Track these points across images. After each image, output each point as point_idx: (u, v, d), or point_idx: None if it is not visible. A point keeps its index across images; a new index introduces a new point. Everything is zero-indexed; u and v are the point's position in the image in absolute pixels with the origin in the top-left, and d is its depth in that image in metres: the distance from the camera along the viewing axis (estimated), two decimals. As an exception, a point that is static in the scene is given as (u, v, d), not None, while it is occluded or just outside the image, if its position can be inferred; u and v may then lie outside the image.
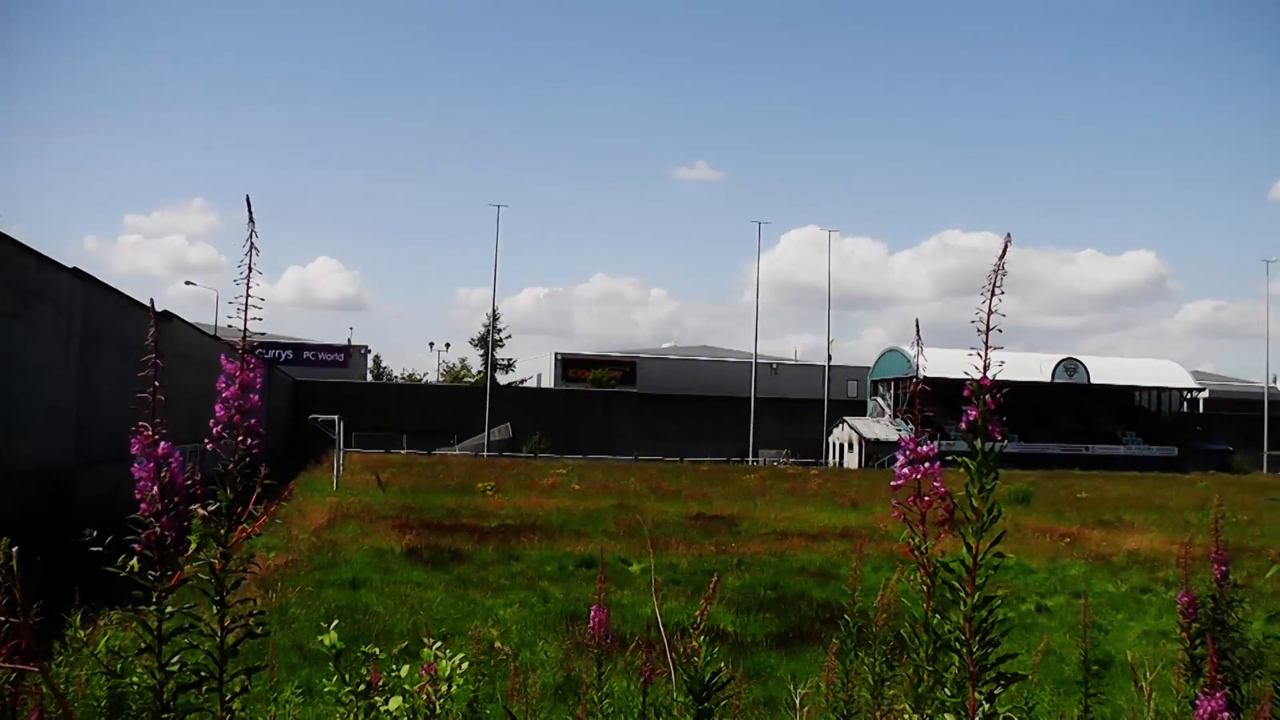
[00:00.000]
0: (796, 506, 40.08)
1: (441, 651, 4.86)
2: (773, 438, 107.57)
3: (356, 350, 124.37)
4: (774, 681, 12.66)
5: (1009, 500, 41.45)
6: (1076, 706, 6.38)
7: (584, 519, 32.35)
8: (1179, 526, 33.70)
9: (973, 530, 3.83)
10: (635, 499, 41.65)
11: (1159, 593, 20.69)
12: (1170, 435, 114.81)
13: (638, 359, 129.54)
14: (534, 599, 18.10)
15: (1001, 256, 3.90)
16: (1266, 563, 18.10)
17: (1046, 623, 17.41)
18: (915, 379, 4.15)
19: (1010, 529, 20.11)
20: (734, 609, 17.59)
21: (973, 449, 3.86)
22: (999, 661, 3.91)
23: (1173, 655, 6.06)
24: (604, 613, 5.45)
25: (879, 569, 18.19)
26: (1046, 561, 24.81)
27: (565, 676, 12.48)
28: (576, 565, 22.01)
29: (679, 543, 26.38)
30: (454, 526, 28.57)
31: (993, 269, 3.88)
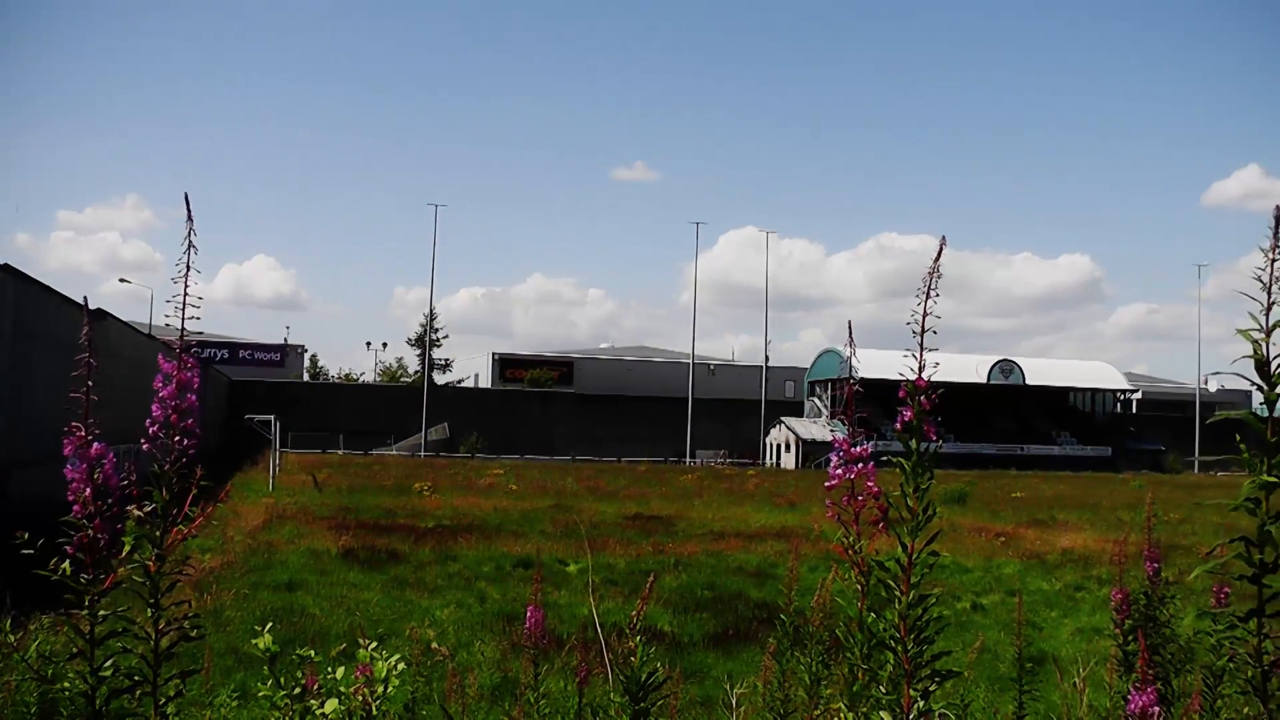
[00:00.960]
0: (734, 507, 40.17)
1: (378, 653, 4.85)
2: (710, 438, 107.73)
3: (293, 350, 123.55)
4: (711, 681, 12.69)
5: (945, 500, 41.74)
6: (1011, 703, 6.44)
7: (521, 519, 32.29)
8: (1112, 525, 34.03)
9: (908, 529, 3.86)
10: (573, 499, 41.63)
11: (1092, 590, 20.91)
12: (1104, 435, 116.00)
13: (575, 359, 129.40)
14: (471, 599, 18.06)
15: (936, 259, 3.94)
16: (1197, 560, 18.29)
17: (982, 620, 17.53)
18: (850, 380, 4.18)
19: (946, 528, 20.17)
20: (671, 609, 17.61)
21: (908, 449, 3.90)
22: (934, 659, 3.95)
23: (1106, 651, 6.14)
24: (540, 613, 5.46)
25: (816, 569, 18.30)
26: (982, 560, 25.00)
27: (502, 677, 12.46)
28: (514, 565, 21.97)
29: (616, 543, 26.38)
30: (391, 527, 28.44)
31: (928, 271, 3.92)
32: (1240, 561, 4.10)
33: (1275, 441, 4.01)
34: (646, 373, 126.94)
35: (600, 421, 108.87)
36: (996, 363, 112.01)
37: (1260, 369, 4.05)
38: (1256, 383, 4.07)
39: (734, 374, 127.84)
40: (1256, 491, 3.99)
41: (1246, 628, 4.15)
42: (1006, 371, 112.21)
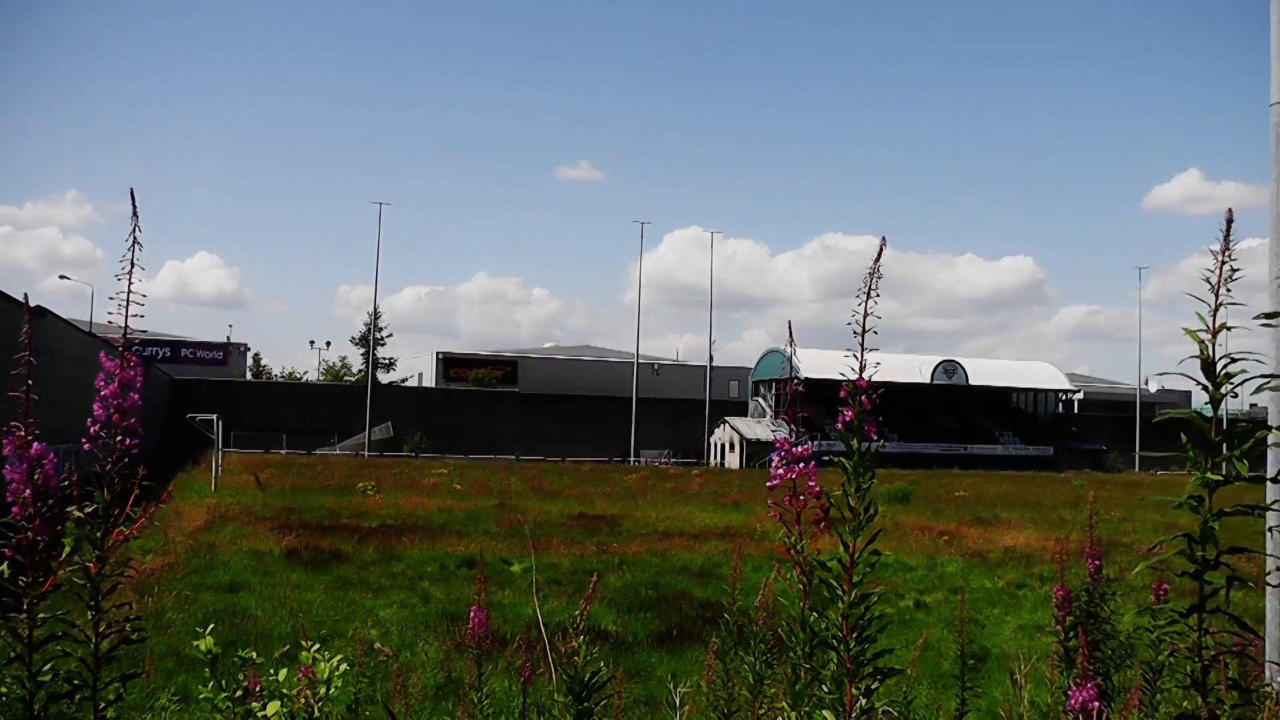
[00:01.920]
0: (678, 506, 40.18)
1: (320, 654, 4.82)
2: (655, 438, 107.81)
3: (236, 348, 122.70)
4: (655, 681, 12.69)
5: (888, 499, 41.96)
6: (954, 699, 6.48)
7: (465, 519, 32.21)
8: (1054, 524, 34.30)
9: (850, 529, 3.87)
10: (517, 499, 41.54)
11: (1034, 588, 21.05)
12: (1046, 435, 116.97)
13: (520, 359, 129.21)
14: (415, 599, 17.99)
15: (877, 259, 3.95)
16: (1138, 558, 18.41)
17: (925, 618, 17.62)
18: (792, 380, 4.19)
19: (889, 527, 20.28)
20: (615, 609, 17.61)
21: (850, 449, 3.91)
22: (876, 657, 3.96)
23: (1047, 648, 6.19)
24: (484, 613, 5.44)
25: (760, 568, 18.31)
26: (925, 559, 25.11)
27: (446, 677, 12.40)
28: (458, 565, 21.90)
29: (560, 542, 26.35)
30: (334, 527, 28.31)
31: (869, 271, 3.93)
32: (1180, 558, 4.13)
33: (1218, 440, 4.05)
34: (591, 372, 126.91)
35: (545, 421, 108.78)
36: (940, 363, 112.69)
37: (1206, 369, 4.09)
38: (1202, 383, 4.11)
39: (678, 374, 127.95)
40: (1200, 489, 4.04)
41: (1187, 623, 4.19)
42: (950, 372, 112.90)
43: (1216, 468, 4.03)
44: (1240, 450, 4.13)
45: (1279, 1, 8.34)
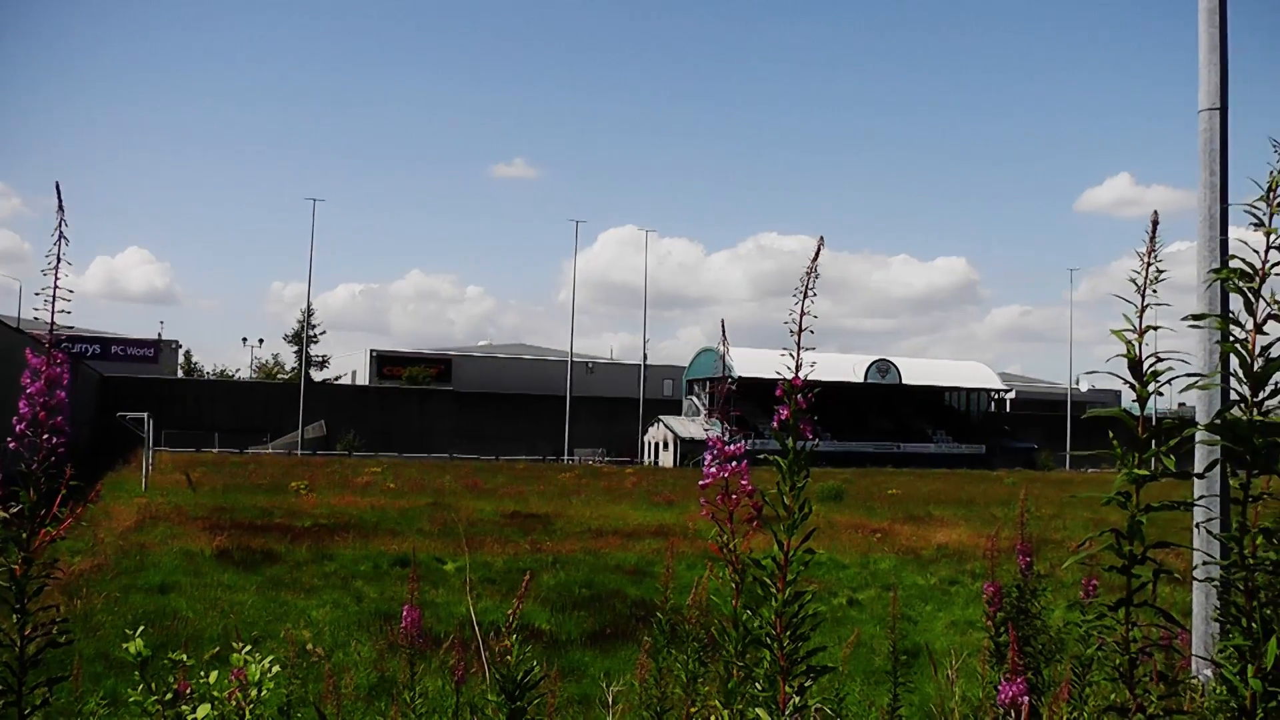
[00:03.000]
0: (612, 505, 40.22)
1: (252, 655, 4.78)
2: (589, 436, 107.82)
3: (167, 345, 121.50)
4: (588, 679, 12.69)
5: (822, 497, 42.16)
6: (886, 695, 6.52)
7: (399, 517, 32.10)
8: (986, 521, 34.59)
9: (784, 527, 3.88)
10: (451, 497, 41.44)
11: (966, 584, 21.23)
12: (979, 434, 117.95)
13: (454, 357, 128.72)
14: (348, 599, 17.91)
15: (814, 259, 3.96)
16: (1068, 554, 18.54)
17: (858, 616, 17.72)
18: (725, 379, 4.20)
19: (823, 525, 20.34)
20: (549, 607, 17.60)
21: (784, 447, 3.92)
22: (809, 655, 3.97)
23: (979, 644, 6.24)
24: (417, 612, 5.42)
25: (693, 566, 18.35)
26: (858, 556, 25.24)
27: (379, 677, 12.34)
28: (391, 564, 21.82)
29: (494, 541, 26.31)
30: (267, 527, 28.10)
31: (805, 271, 3.94)
32: (1109, 554, 4.18)
33: (1146, 438, 4.10)
34: (525, 371, 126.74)
35: (478, 419, 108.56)
36: (874, 362, 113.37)
37: (1134, 368, 4.14)
38: (1130, 381, 4.16)
39: (613, 372, 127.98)
40: (1128, 485, 4.08)
41: (1115, 617, 4.24)
42: (883, 371, 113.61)
43: (1144, 464, 4.08)
44: (1167, 447, 4.18)
45: (1206, 12, 8.49)
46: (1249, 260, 4.18)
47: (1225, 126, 8.45)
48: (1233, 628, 4.16)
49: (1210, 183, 8.31)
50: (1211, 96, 8.45)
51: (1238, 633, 4.12)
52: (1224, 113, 8.45)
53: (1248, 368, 4.13)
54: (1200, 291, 7.91)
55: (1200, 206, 8.34)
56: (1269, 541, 4.12)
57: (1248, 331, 4.16)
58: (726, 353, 4.56)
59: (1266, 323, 4.13)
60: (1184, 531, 6.44)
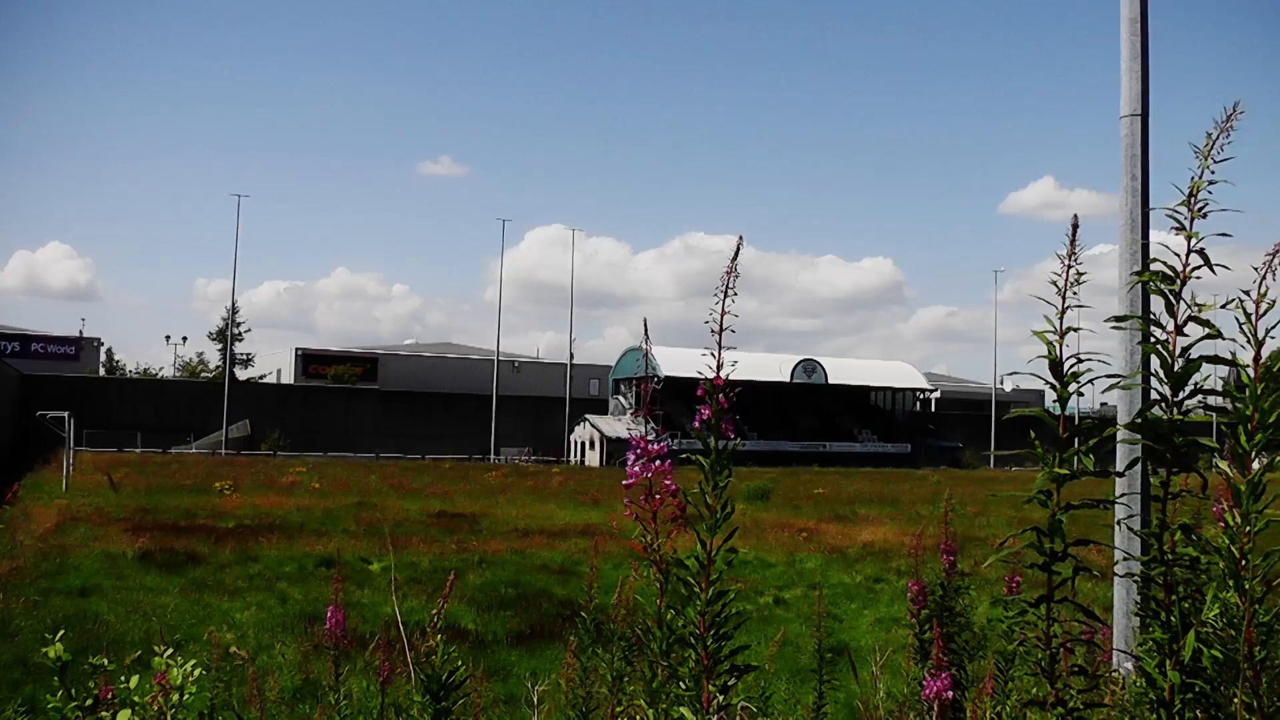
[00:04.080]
0: (538, 504, 40.21)
1: (174, 659, 4.73)
2: (515, 435, 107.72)
3: (89, 343, 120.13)
4: (514, 679, 12.66)
5: (748, 497, 42.31)
6: (812, 693, 6.55)
7: (324, 518, 31.92)
8: (911, 519, 34.86)
9: (707, 526, 3.89)
10: (376, 497, 41.29)
11: (891, 582, 21.37)
12: (904, 433, 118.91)
13: (379, 355, 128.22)
14: (272, 601, 17.78)
15: (734, 258, 3.97)
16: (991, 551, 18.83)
17: (784, 614, 17.79)
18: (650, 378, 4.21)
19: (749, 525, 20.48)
20: (475, 607, 17.55)
21: (707, 447, 3.93)
22: (733, 654, 3.98)
23: (903, 640, 6.29)
24: (342, 613, 5.39)
25: (619, 566, 18.30)
26: (784, 555, 25.32)
27: (304, 679, 12.27)
28: (316, 565, 21.67)
29: (420, 541, 26.22)
30: (190, 528, 27.83)
31: (726, 270, 3.95)
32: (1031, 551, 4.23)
33: (1067, 437, 4.15)
34: (451, 369, 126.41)
35: (404, 418, 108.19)
36: (799, 362, 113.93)
37: (1054, 369, 4.20)
38: (1050, 382, 4.22)
39: (539, 371, 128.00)
40: (1049, 484, 4.13)
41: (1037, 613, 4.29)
42: (809, 370, 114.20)
43: (1065, 463, 4.13)
44: (1088, 446, 4.24)
45: (1128, 20, 8.61)
46: (1170, 263, 4.24)
47: (1146, 132, 8.57)
48: (1152, 622, 4.22)
49: (1132, 187, 8.41)
50: (1133, 103, 8.57)
51: (1157, 627, 4.17)
52: (1145, 119, 8.57)
53: (1168, 368, 4.19)
54: (1122, 294, 8.01)
55: (1122, 210, 8.45)
56: (1187, 537, 4.19)
57: (1169, 333, 4.22)
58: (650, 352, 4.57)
59: (1187, 324, 4.20)
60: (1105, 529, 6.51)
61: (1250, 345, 4.05)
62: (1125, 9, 8.68)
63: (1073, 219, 4.28)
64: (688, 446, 3.74)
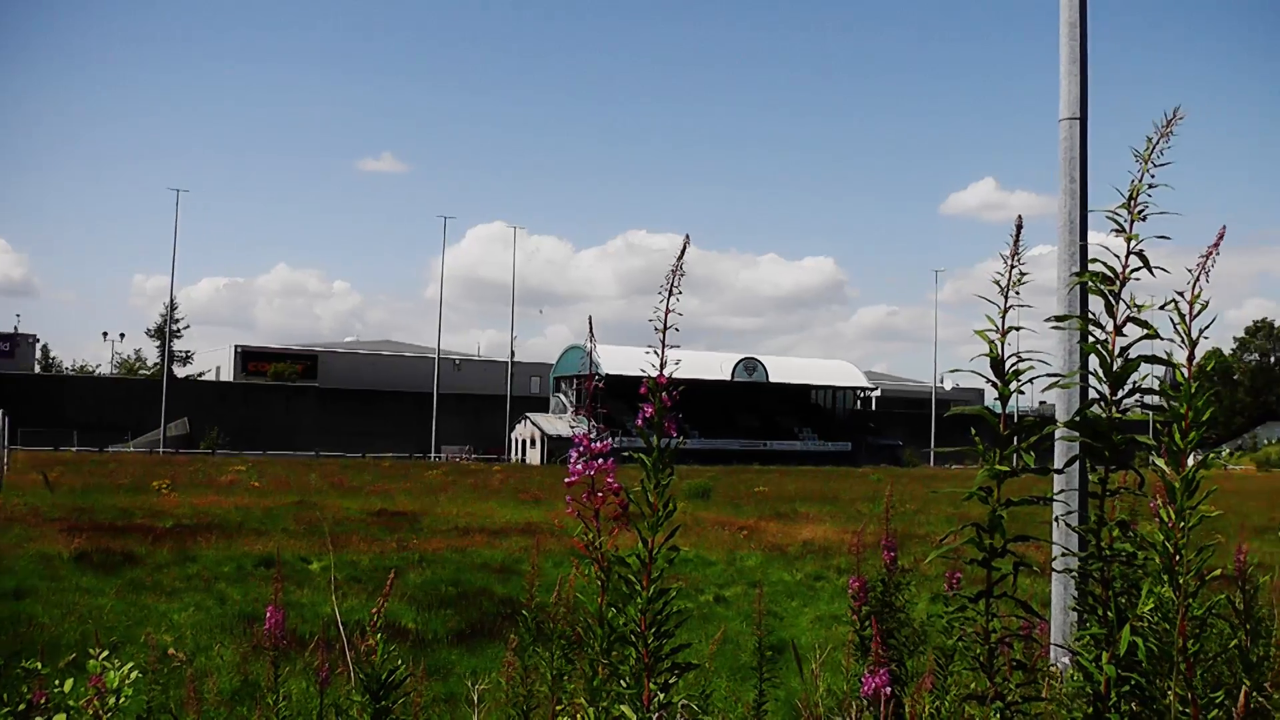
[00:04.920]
0: (479, 502, 40.12)
1: (110, 662, 4.68)
2: (456, 433, 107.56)
3: (24, 339, 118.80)
4: (454, 678, 12.61)
5: (689, 495, 42.37)
6: (752, 691, 6.57)
7: (263, 517, 31.68)
8: (852, 517, 35.01)
9: (649, 525, 3.90)
10: (316, 495, 41.08)
11: (832, 580, 21.42)
12: (845, 431, 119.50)
13: (320, 353, 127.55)
14: (210, 601, 17.62)
15: (680, 256, 3.97)
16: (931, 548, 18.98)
17: (724, 612, 17.80)
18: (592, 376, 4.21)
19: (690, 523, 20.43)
20: (415, 606, 17.46)
21: (649, 445, 3.93)
22: (674, 652, 3.99)
23: (844, 638, 6.31)
24: (281, 613, 5.35)
25: (560, 564, 18.33)
26: (725, 553, 25.34)
27: (242, 680, 12.16)
28: (255, 565, 21.50)
29: (360, 539, 26.07)
30: (127, 528, 27.53)
31: (671, 269, 3.95)
32: (971, 547, 4.27)
33: (1007, 434, 4.19)
34: (392, 367, 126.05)
35: (345, 416, 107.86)
36: (741, 360, 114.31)
37: (995, 367, 4.23)
38: (992, 380, 4.26)
39: (480, 369, 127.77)
40: (989, 481, 4.17)
41: (976, 608, 4.33)
42: (750, 369, 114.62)
43: (1005, 461, 4.17)
44: (1027, 444, 4.28)
45: (1067, 24, 8.70)
46: (1109, 265, 4.29)
47: (1085, 135, 8.66)
48: (1089, 617, 4.27)
49: (1071, 189, 8.50)
50: (1072, 106, 8.66)
51: (1094, 621, 4.22)
52: (1084, 122, 8.66)
53: (1107, 367, 4.24)
54: (1061, 294, 8.10)
55: (1061, 212, 8.53)
56: (1124, 534, 4.24)
57: (1108, 333, 4.27)
58: (594, 349, 4.57)
59: (1125, 325, 4.25)
60: (1044, 525, 6.56)
61: (1185, 345, 4.10)
62: (1064, 14, 8.77)
63: (1017, 220, 4.32)
64: (629, 444, 3.74)
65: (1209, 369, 4.10)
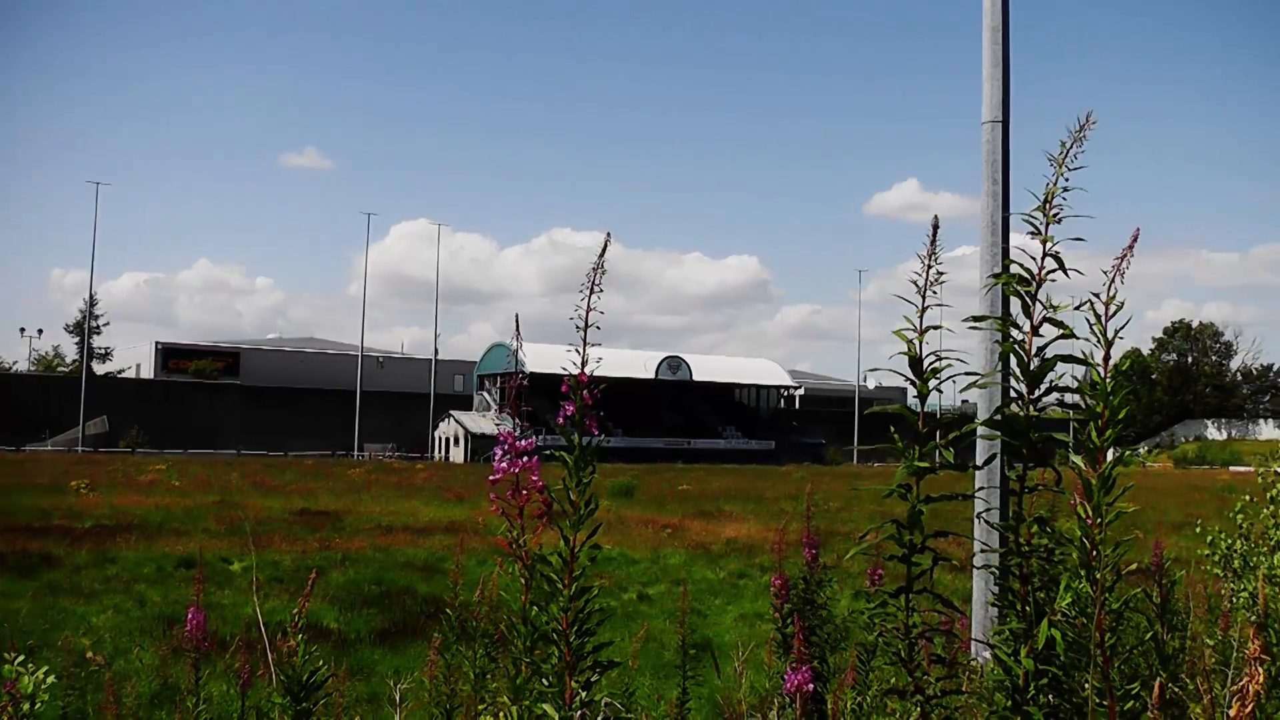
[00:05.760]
0: (403, 501, 39.94)
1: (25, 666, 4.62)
2: (379, 431, 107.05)
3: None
4: (377, 678, 12.56)
5: (613, 493, 42.40)
6: (676, 689, 6.58)
7: (184, 517, 31.36)
8: (775, 515, 35.09)
9: (571, 523, 3.91)
10: (238, 495, 40.70)
11: (755, 577, 21.50)
12: (768, 430, 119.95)
13: (242, 350, 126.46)
14: (130, 604, 17.42)
15: (601, 254, 3.98)
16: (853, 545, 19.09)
17: (648, 610, 17.83)
18: (516, 374, 4.22)
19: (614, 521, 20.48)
20: (338, 606, 17.37)
21: (571, 443, 3.94)
22: (597, 650, 4.00)
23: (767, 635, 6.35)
24: (202, 615, 5.32)
25: (484, 562, 18.28)
26: (649, 552, 25.38)
27: (162, 684, 12.04)
28: (176, 566, 21.29)
29: (283, 539, 25.89)
30: (44, 529, 27.15)
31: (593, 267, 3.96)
32: (892, 543, 4.32)
33: (926, 432, 4.24)
34: (315, 365, 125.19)
35: (267, 414, 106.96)
36: (665, 359, 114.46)
37: (914, 366, 4.28)
38: (911, 378, 4.30)
39: (403, 367, 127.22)
40: (908, 478, 4.22)
41: (897, 604, 4.39)
42: (675, 367, 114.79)
43: (925, 457, 4.22)
44: (947, 441, 4.34)
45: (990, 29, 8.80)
46: (1027, 266, 4.35)
47: (1007, 138, 8.77)
48: (1009, 612, 4.33)
49: (993, 191, 8.61)
50: (994, 110, 8.77)
51: (1013, 616, 4.28)
52: (1006, 125, 8.77)
53: (1025, 367, 4.30)
54: (982, 295, 8.19)
55: (983, 214, 8.63)
56: (1043, 530, 4.30)
57: (1025, 333, 4.33)
58: (519, 347, 4.58)
59: (1042, 325, 4.31)
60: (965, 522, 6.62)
61: (1101, 345, 4.16)
62: (987, 19, 8.87)
63: (933, 220, 4.37)
64: (553, 443, 3.75)
65: (1126, 368, 4.16)
